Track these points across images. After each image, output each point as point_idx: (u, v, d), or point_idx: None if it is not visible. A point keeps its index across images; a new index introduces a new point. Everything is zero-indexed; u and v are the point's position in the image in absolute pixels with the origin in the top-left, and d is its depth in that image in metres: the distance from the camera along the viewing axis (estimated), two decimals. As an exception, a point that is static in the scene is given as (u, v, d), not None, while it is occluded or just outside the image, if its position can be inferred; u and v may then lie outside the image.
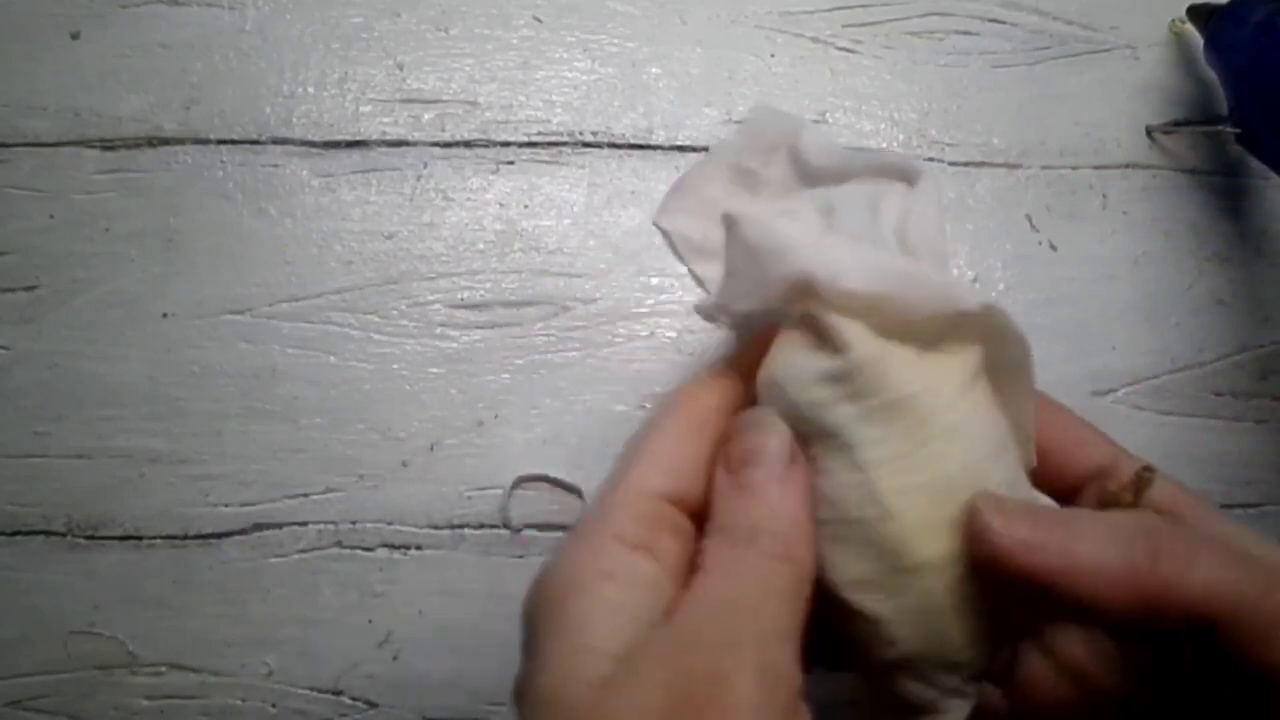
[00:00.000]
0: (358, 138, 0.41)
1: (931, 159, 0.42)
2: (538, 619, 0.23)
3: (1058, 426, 0.27)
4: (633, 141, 0.41)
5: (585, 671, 0.21)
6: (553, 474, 0.38)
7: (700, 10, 0.43)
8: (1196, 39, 0.42)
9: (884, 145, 0.42)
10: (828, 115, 0.42)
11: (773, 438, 0.24)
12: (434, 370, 0.39)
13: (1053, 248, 0.42)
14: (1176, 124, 0.43)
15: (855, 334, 0.23)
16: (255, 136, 0.40)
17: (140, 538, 0.37)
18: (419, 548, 0.37)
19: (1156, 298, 0.41)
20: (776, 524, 0.23)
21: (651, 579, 0.23)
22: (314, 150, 0.40)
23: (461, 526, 0.38)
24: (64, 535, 0.37)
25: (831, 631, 0.24)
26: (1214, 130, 0.42)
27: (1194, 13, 0.42)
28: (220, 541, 0.37)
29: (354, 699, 0.36)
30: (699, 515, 0.25)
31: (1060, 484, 0.26)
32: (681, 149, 0.41)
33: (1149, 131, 0.43)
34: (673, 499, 0.25)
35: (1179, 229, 0.42)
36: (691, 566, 0.24)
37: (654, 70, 0.42)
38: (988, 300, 0.23)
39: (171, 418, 0.38)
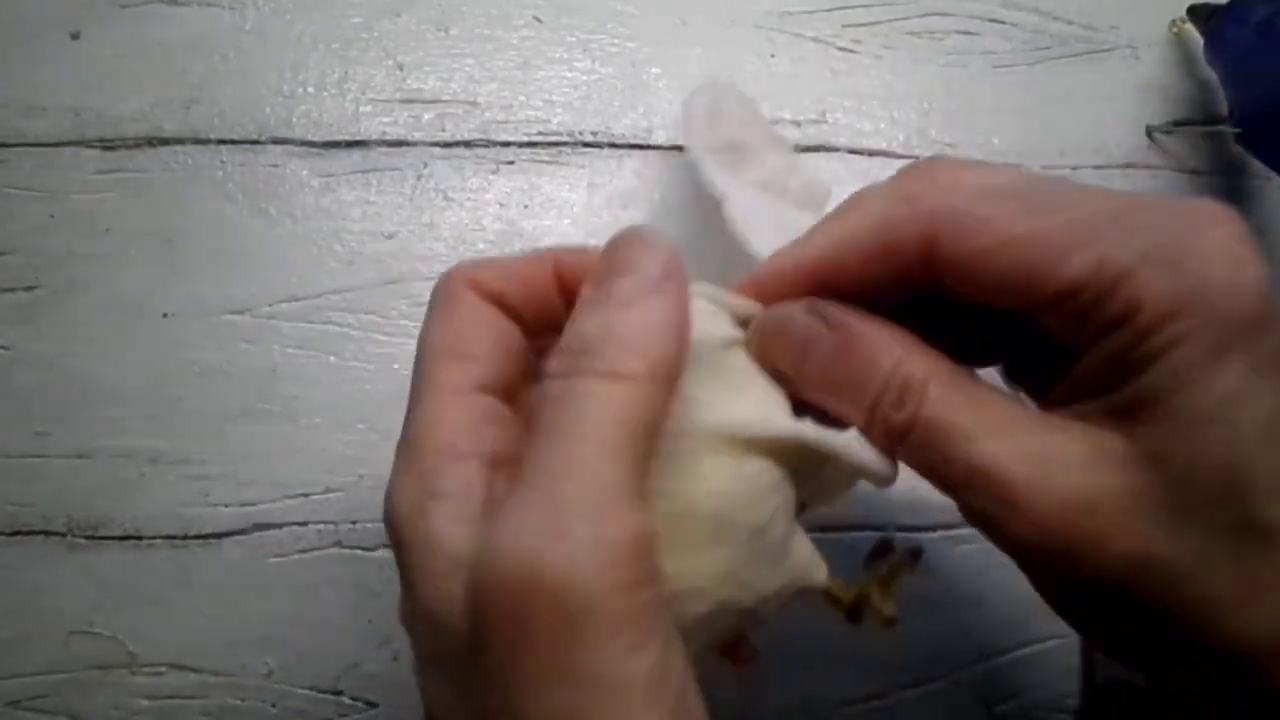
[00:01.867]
0: (358, 138, 0.41)
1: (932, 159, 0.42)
2: (395, 545, 0.22)
3: (988, 250, 0.22)
4: (633, 141, 0.41)
5: (451, 592, 0.20)
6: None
7: (700, 10, 0.43)
8: (1197, 39, 0.42)
9: (884, 145, 0.42)
10: (828, 115, 0.42)
11: (650, 250, 0.21)
12: (434, 370, 0.39)
13: (1053, 248, 0.42)
14: (1176, 124, 0.43)
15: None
16: (255, 136, 0.40)
17: (140, 538, 0.37)
18: (419, 548, 0.37)
19: (1156, 298, 0.41)
20: (618, 335, 0.20)
21: (485, 484, 0.21)
22: (314, 150, 0.40)
23: (461, 526, 0.38)
24: (64, 535, 0.37)
25: None
26: (1214, 130, 0.42)
27: (1194, 13, 0.42)
28: (220, 541, 0.37)
29: (354, 699, 0.36)
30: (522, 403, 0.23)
31: (1040, 296, 0.21)
32: (681, 149, 0.41)
33: (1149, 131, 0.43)
34: (488, 388, 0.23)
35: (1179, 229, 0.42)
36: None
37: (654, 70, 0.42)
38: None
39: (171, 418, 0.38)
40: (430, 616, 0.20)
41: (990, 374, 0.26)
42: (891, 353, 0.22)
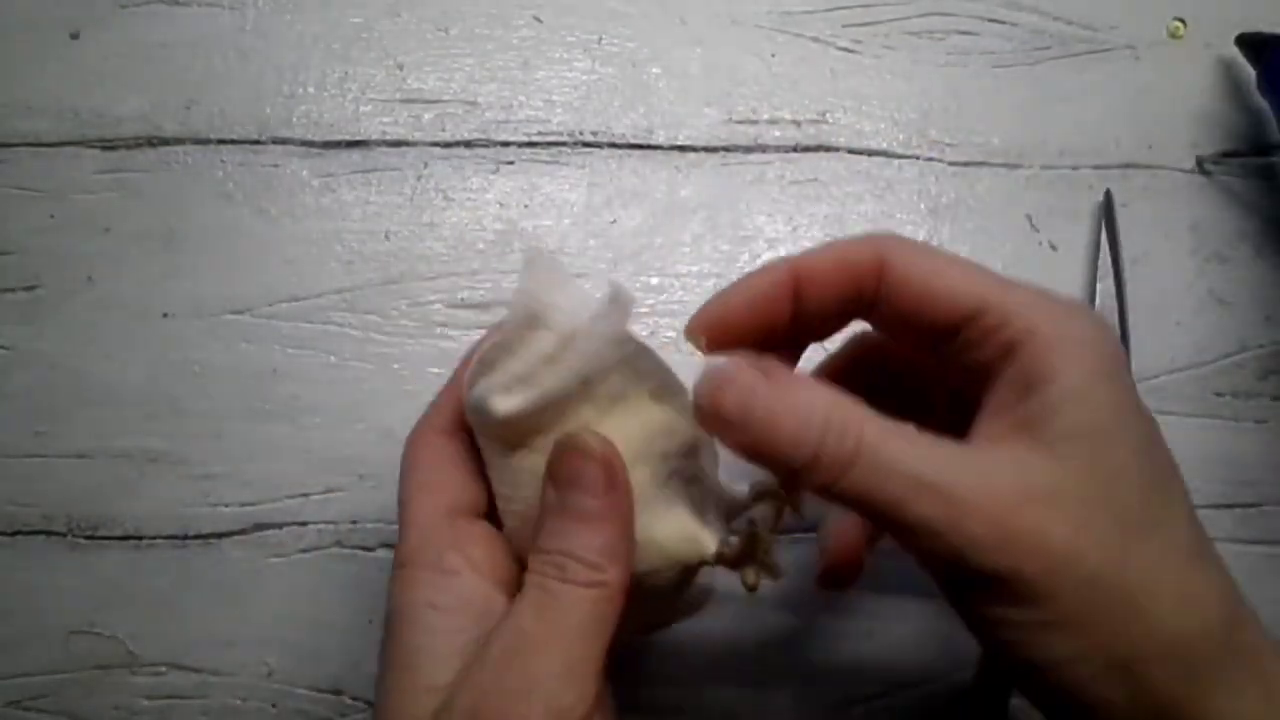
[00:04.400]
0: (358, 138, 0.41)
1: (931, 159, 0.42)
2: (384, 647, 0.26)
3: (925, 274, 0.27)
4: (633, 141, 0.41)
5: (416, 711, 0.24)
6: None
7: (700, 10, 0.43)
8: (1247, 69, 0.42)
9: (884, 145, 0.42)
10: (828, 115, 0.42)
11: (591, 463, 0.25)
12: (434, 370, 0.39)
13: (1053, 248, 0.42)
14: (1226, 154, 0.43)
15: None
16: (255, 136, 0.40)
17: (140, 538, 0.37)
18: (419, 548, 0.37)
19: (1156, 298, 0.41)
20: (588, 552, 0.25)
21: (475, 595, 0.26)
22: (314, 150, 0.40)
23: (461, 526, 0.38)
24: (64, 535, 0.37)
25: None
26: (1266, 161, 0.42)
27: (1244, 42, 0.41)
28: (220, 541, 0.37)
29: (354, 699, 0.37)
30: (492, 514, 0.28)
31: (937, 330, 0.27)
32: (681, 149, 0.41)
33: (1199, 162, 0.43)
34: (460, 511, 0.27)
35: (1179, 229, 0.42)
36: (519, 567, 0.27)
37: (654, 70, 0.42)
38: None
39: (171, 418, 0.38)
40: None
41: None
42: (826, 395, 0.25)
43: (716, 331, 0.28)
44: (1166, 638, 0.23)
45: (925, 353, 0.27)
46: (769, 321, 0.28)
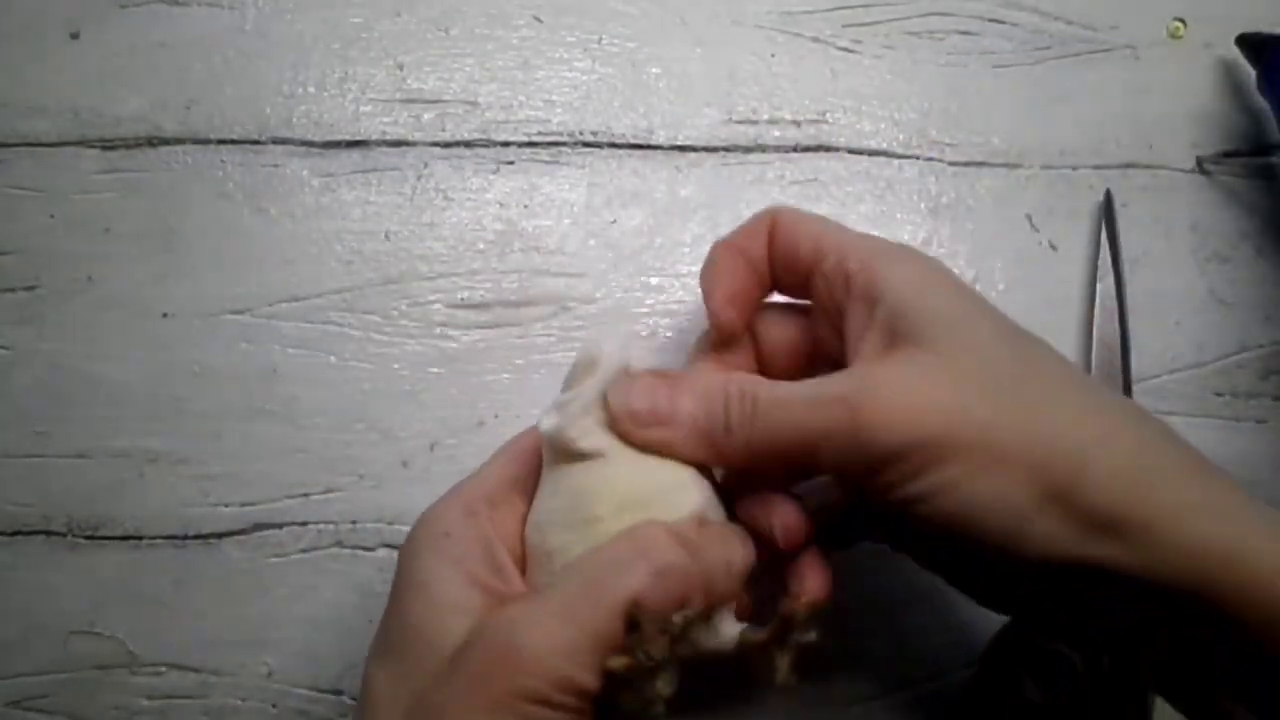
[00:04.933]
0: (358, 138, 0.41)
1: (931, 159, 0.42)
2: (399, 565, 0.28)
3: (792, 227, 0.31)
4: (633, 141, 0.41)
5: (445, 625, 0.26)
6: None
7: (700, 10, 0.43)
8: (1248, 69, 0.42)
9: (884, 145, 0.42)
10: (828, 115, 0.42)
11: (739, 549, 0.29)
12: (434, 370, 0.39)
13: (1053, 248, 0.42)
14: (1226, 154, 0.43)
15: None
16: (255, 136, 0.40)
17: (140, 538, 0.37)
18: (419, 548, 0.37)
19: (1156, 298, 0.41)
20: (670, 552, 0.26)
21: (484, 540, 0.28)
22: (314, 150, 0.40)
23: (461, 526, 0.38)
24: (64, 535, 0.37)
25: None
26: (1266, 161, 0.42)
27: (1244, 42, 0.41)
28: (220, 541, 0.37)
29: (354, 699, 0.37)
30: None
31: (797, 277, 0.31)
32: (681, 149, 0.41)
33: (1199, 162, 0.43)
34: (528, 486, 0.30)
35: (1179, 229, 0.42)
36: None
37: (654, 70, 0.42)
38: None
39: (171, 418, 0.38)
40: (419, 633, 0.27)
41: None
42: (719, 375, 0.29)
43: (741, 321, 0.32)
44: (1082, 450, 0.25)
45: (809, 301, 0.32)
46: (759, 294, 0.32)
